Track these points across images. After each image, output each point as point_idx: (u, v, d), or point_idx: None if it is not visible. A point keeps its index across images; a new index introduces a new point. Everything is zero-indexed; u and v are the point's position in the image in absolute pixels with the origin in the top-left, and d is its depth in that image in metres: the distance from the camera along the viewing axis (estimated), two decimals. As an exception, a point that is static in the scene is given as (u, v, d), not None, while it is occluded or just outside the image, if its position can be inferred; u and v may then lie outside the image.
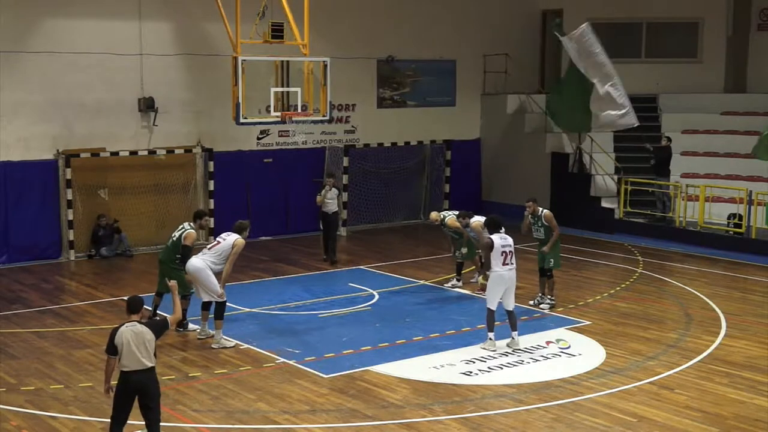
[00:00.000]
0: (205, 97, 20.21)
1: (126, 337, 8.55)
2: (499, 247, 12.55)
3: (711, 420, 10.23)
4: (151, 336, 8.65)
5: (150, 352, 8.63)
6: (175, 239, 13.36)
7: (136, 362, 8.54)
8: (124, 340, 8.54)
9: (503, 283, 12.55)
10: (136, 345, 8.54)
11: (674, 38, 25.14)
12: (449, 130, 24.32)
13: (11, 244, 18.34)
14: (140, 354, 8.55)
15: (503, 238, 12.68)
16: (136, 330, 8.61)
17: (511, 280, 12.63)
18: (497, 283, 12.56)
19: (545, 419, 10.22)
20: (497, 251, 12.53)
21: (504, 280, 12.54)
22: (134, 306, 8.83)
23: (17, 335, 13.45)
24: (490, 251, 12.59)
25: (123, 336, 8.56)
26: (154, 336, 8.69)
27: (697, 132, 23.51)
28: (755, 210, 19.75)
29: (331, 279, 17.27)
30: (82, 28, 18.85)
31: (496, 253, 12.53)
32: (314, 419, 10.20)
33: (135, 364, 8.55)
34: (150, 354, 8.62)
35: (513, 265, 12.66)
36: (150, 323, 8.83)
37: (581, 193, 22.48)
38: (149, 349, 8.62)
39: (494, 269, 12.56)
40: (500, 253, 12.53)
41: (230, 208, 19.89)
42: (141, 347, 8.55)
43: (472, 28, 24.33)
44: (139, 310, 8.83)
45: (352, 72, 21.95)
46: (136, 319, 8.74)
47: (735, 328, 13.90)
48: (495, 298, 12.60)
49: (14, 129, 18.30)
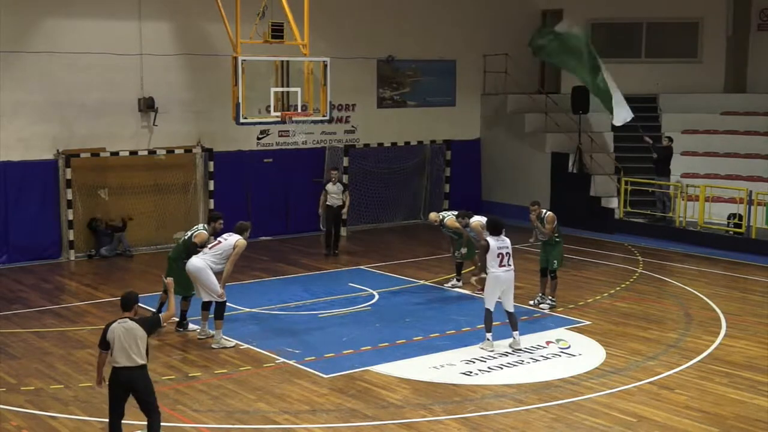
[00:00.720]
0: (205, 97, 20.21)
1: (117, 333, 8.66)
2: (495, 249, 12.56)
3: (711, 420, 10.23)
4: (142, 333, 8.71)
5: (141, 349, 8.69)
6: (186, 239, 13.39)
7: (127, 358, 8.63)
8: (115, 336, 8.66)
9: (500, 285, 12.55)
10: (126, 341, 8.63)
11: (674, 38, 25.13)
12: (449, 130, 24.32)
13: (11, 244, 18.33)
14: (131, 351, 8.63)
15: (500, 240, 12.69)
16: (128, 326, 8.69)
17: (508, 281, 12.63)
18: (494, 285, 12.57)
19: (545, 419, 10.22)
20: (493, 252, 12.54)
21: (500, 282, 12.54)
22: (127, 303, 8.90)
23: (17, 335, 13.45)
24: (486, 253, 12.62)
25: (114, 332, 8.68)
26: (145, 333, 8.74)
27: (697, 132, 23.51)
28: (755, 210, 19.75)
29: (331, 279, 17.27)
30: (82, 28, 18.85)
31: (492, 255, 12.54)
32: (314, 419, 10.20)
33: (125, 361, 8.63)
34: (141, 351, 8.68)
35: (510, 266, 12.66)
36: (142, 320, 8.87)
37: (581, 193, 22.47)
38: (140, 346, 8.68)
39: (491, 270, 12.58)
40: (496, 255, 12.54)
41: (230, 208, 19.81)
42: (132, 344, 8.63)
43: (472, 28, 24.33)
44: (131, 307, 8.88)
45: (352, 72, 21.95)
46: (129, 316, 8.80)
47: (735, 328, 13.90)
48: (492, 299, 12.61)
49: (14, 129, 18.30)
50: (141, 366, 8.69)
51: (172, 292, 9.74)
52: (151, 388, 8.87)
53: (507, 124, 24.49)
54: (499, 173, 24.67)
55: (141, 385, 8.74)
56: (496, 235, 12.74)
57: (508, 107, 24.44)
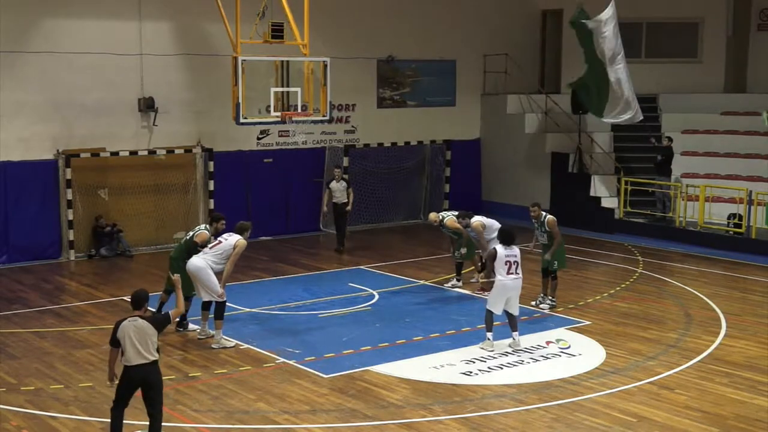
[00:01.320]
0: (205, 97, 20.21)
1: (127, 331, 8.74)
2: (503, 257, 12.54)
3: (711, 420, 10.23)
4: (152, 331, 8.81)
5: (151, 346, 8.77)
6: (188, 238, 13.41)
7: (138, 356, 8.71)
8: (125, 335, 8.73)
9: (506, 292, 12.55)
10: (138, 340, 8.71)
11: (674, 38, 25.13)
12: (449, 130, 24.33)
13: (11, 244, 18.34)
14: (142, 348, 8.71)
15: (509, 249, 12.67)
16: (138, 325, 8.77)
17: (515, 289, 12.63)
18: (500, 292, 12.57)
19: (545, 419, 10.22)
20: (501, 260, 12.53)
21: (507, 290, 12.54)
22: (137, 301, 8.98)
23: (17, 335, 13.45)
24: (493, 261, 12.62)
25: (124, 330, 8.76)
26: (156, 331, 8.84)
27: (697, 132, 23.51)
28: (755, 210, 19.75)
29: (331, 279, 17.27)
30: (82, 28, 18.85)
31: (500, 263, 12.53)
32: (314, 419, 10.21)
33: (137, 359, 8.72)
34: (151, 348, 8.77)
35: (519, 275, 12.65)
36: (151, 318, 8.97)
37: (581, 193, 22.47)
38: (150, 343, 8.77)
39: (498, 278, 12.56)
40: (504, 263, 12.52)
41: (230, 208, 19.80)
42: (142, 342, 8.73)
43: (472, 28, 24.33)
44: (142, 305, 8.97)
45: (352, 72, 21.95)
46: (139, 314, 8.87)
47: (735, 328, 13.90)
48: (499, 306, 12.61)
49: (14, 129, 18.30)
50: (153, 362, 8.81)
51: (180, 290, 9.73)
52: (162, 384, 9.00)
53: (507, 124, 24.48)
54: (499, 173, 24.67)
55: (155, 379, 8.86)
56: (507, 245, 12.72)
57: (508, 107, 24.43)
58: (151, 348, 8.75)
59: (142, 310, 8.92)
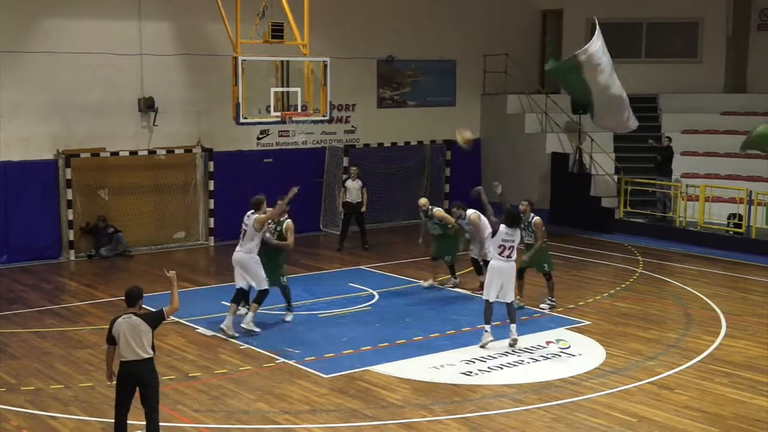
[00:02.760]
0: (205, 97, 20.20)
1: (122, 328, 8.79)
2: (500, 238, 12.64)
3: (711, 420, 10.23)
4: (146, 328, 8.83)
5: (145, 343, 8.80)
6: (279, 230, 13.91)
7: (132, 353, 8.77)
8: (120, 332, 8.79)
9: (499, 277, 12.62)
10: (131, 336, 8.76)
11: (674, 38, 25.13)
12: (449, 130, 24.25)
13: (11, 244, 18.33)
14: (135, 345, 8.76)
15: (510, 231, 12.74)
16: (132, 322, 8.80)
17: (508, 273, 12.67)
18: (493, 276, 12.68)
19: (545, 419, 10.22)
20: (497, 240, 12.68)
21: (499, 273, 12.62)
22: (131, 298, 8.99)
23: (17, 335, 13.45)
24: (493, 235, 12.78)
25: (119, 327, 8.81)
26: (150, 328, 8.86)
27: (697, 132, 23.51)
28: (755, 210, 19.75)
29: (331, 279, 17.27)
30: (82, 28, 18.84)
31: (495, 242, 12.69)
32: (314, 419, 10.21)
33: (131, 355, 8.77)
34: (145, 345, 8.80)
35: (511, 258, 12.72)
36: (145, 315, 8.97)
37: (581, 193, 22.46)
38: (144, 340, 8.80)
39: (491, 257, 12.78)
40: (499, 244, 12.64)
41: (230, 208, 19.82)
42: (136, 338, 8.77)
43: (472, 28, 24.32)
44: (135, 302, 8.97)
45: (352, 72, 21.94)
46: (133, 312, 8.89)
47: (735, 328, 13.90)
48: (491, 290, 12.66)
49: (14, 129, 18.29)
50: (147, 359, 8.83)
51: (175, 287, 9.67)
52: (157, 382, 9.00)
53: (507, 124, 24.48)
54: (499, 173, 24.58)
55: (148, 377, 8.87)
56: (510, 226, 12.77)
57: (508, 107, 24.43)
58: (145, 345, 8.79)
59: (136, 307, 8.93)
